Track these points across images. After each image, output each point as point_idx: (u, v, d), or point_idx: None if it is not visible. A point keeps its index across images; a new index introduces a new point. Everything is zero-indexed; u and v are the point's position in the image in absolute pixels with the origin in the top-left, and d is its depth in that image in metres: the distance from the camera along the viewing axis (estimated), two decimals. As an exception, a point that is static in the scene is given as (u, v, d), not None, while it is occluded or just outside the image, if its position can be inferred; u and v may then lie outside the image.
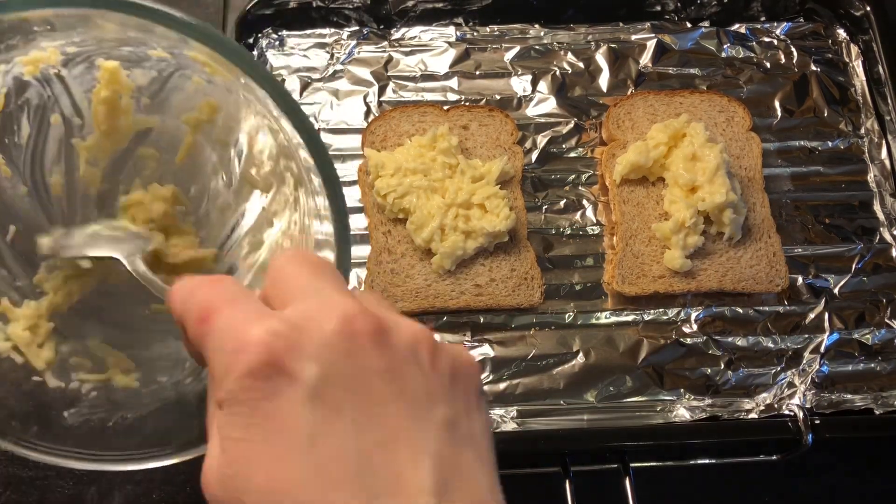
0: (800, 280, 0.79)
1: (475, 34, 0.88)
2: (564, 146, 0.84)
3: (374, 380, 0.34)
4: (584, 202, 0.82)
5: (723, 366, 0.76)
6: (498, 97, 0.86)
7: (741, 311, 0.78)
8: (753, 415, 0.74)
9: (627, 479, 0.69)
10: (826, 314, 0.78)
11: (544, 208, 0.81)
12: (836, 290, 0.79)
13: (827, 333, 0.78)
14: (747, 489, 0.77)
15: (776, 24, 0.90)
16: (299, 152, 0.52)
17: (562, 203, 0.82)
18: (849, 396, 0.75)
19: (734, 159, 0.82)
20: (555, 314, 0.78)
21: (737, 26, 0.90)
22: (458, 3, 0.88)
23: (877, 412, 0.74)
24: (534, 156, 0.83)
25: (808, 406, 0.74)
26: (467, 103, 0.85)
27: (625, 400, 0.74)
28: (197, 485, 0.74)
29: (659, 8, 0.90)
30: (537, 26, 0.89)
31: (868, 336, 0.78)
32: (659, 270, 0.78)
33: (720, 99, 0.85)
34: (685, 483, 0.76)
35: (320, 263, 0.39)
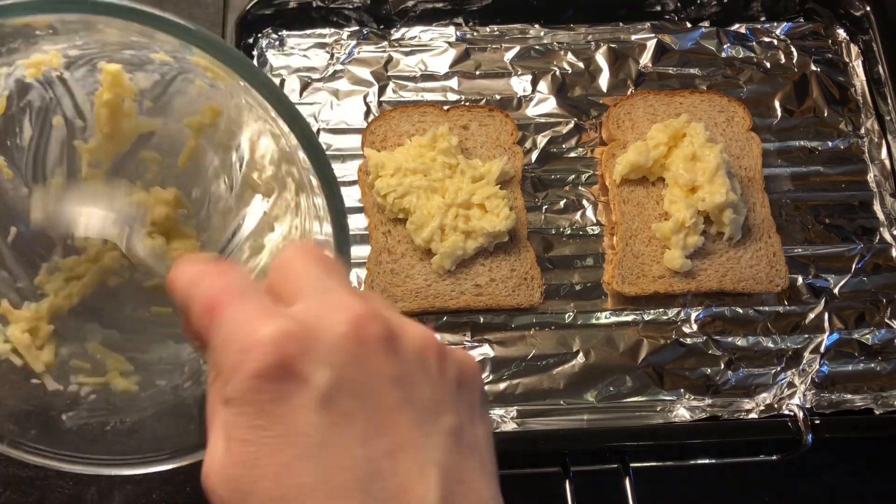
0: (800, 280, 0.79)
1: (475, 34, 0.88)
2: (564, 146, 0.84)
3: (384, 387, 0.34)
4: (584, 202, 0.82)
5: (723, 366, 0.76)
6: (498, 97, 0.86)
7: (741, 311, 0.78)
8: (753, 415, 0.74)
9: (627, 479, 0.69)
10: (826, 314, 0.78)
11: (544, 208, 0.82)
12: (836, 290, 0.79)
13: (827, 333, 0.78)
14: (747, 489, 0.77)
15: (776, 24, 0.90)
16: (299, 154, 0.52)
17: (562, 203, 0.82)
18: (849, 396, 0.75)
19: (734, 159, 0.82)
20: (555, 314, 0.78)
21: (737, 26, 0.90)
22: (458, 3, 0.88)
23: (877, 412, 0.74)
24: (534, 156, 0.83)
25: (808, 406, 0.74)
26: (467, 103, 0.85)
27: (625, 400, 0.74)
28: (197, 485, 0.74)
29: (659, 8, 0.90)
30: (537, 26, 0.89)
31: (868, 336, 0.78)
32: (659, 270, 0.78)
33: (720, 99, 0.85)
34: (685, 483, 0.76)
35: (328, 260, 0.39)
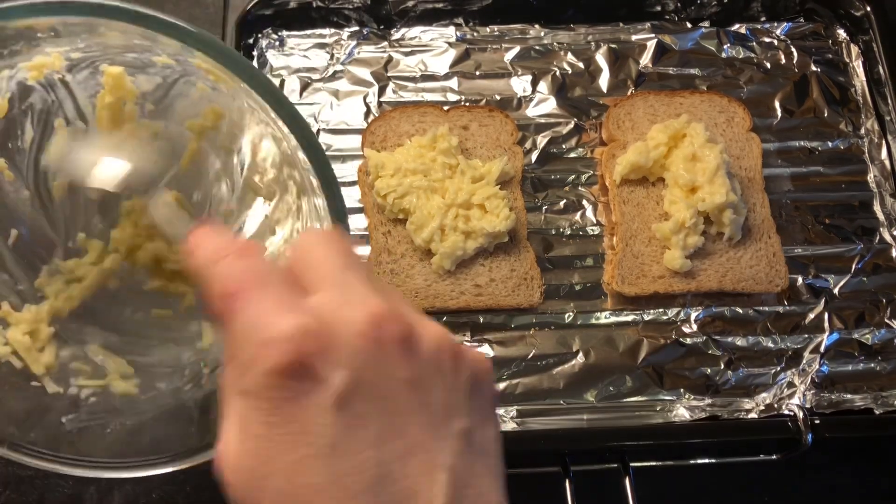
0: (800, 280, 0.79)
1: (475, 34, 0.88)
2: (564, 146, 0.84)
3: (399, 390, 0.35)
4: (584, 202, 0.82)
5: (723, 366, 0.76)
6: (498, 97, 0.86)
7: (741, 311, 0.78)
8: (753, 414, 0.74)
9: (627, 479, 0.69)
10: (826, 314, 0.78)
11: (544, 209, 0.82)
12: (836, 291, 0.79)
13: (827, 333, 0.78)
14: (747, 489, 0.77)
15: (776, 25, 0.90)
16: (300, 155, 0.52)
17: (562, 203, 0.82)
18: (849, 396, 0.75)
19: (734, 160, 0.82)
20: (554, 314, 0.78)
21: (737, 26, 0.90)
22: (458, 4, 0.87)
23: (877, 412, 0.74)
24: (534, 156, 0.83)
25: (808, 406, 0.74)
26: (467, 104, 0.85)
27: (625, 400, 0.74)
28: (197, 485, 0.74)
29: (659, 8, 0.89)
30: (537, 26, 0.89)
31: (868, 336, 0.78)
32: (659, 271, 0.78)
33: (720, 99, 0.85)
34: (685, 483, 0.76)
35: (349, 251, 0.39)
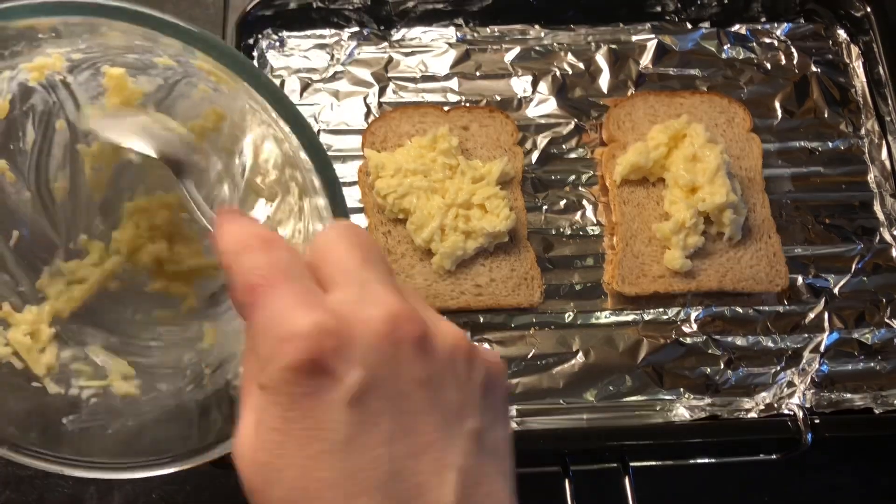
0: (800, 280, 0.79)
1: (475, 35, 0.88)
2: (565, 147, 0.84)
3: (413, 389, 0.35)
4: (585, 203, 0.82)
5: (722, 365, 0.76)
6: (498, 98, 0.86)
7: (741, 311, 0.78)
8: (753, 414, 0.74)
9: (627, 479, 0.69)
10: (826, 314, 0.78)
11: (544, 209, 0.82)
12: (836, 290, 0.79)
13: (827, 333, 0.78)
14: (747, 488, 0.77)
15: (776, 25, 0.90)
16: (301, 156, 0.52)
17: (562, 203, 0.82)
18: (848, 396, 0.75)
19: (734, 160, 0.82)
20: (555, 314, 0.78)
21: (737, 27, 0.90)
22: (458, 4, 0.88)
23: (876, 411, 0.74)
24: (534, 156, 0.83)
25: (808, 405, 0.74)
26: (468, 104, 0.85)
27: (624, 399, 0.74)
28: (197, 485, 0.74)
29: (659, 8, 0.89)
30: (537, 27, 0.89)
31: (868, 336, 0.78)
32: (659, 270, 0.78)
33: (721, 100, 0.85)
34: (685, 482, 0.76)
35: (370, 248, 0.39)
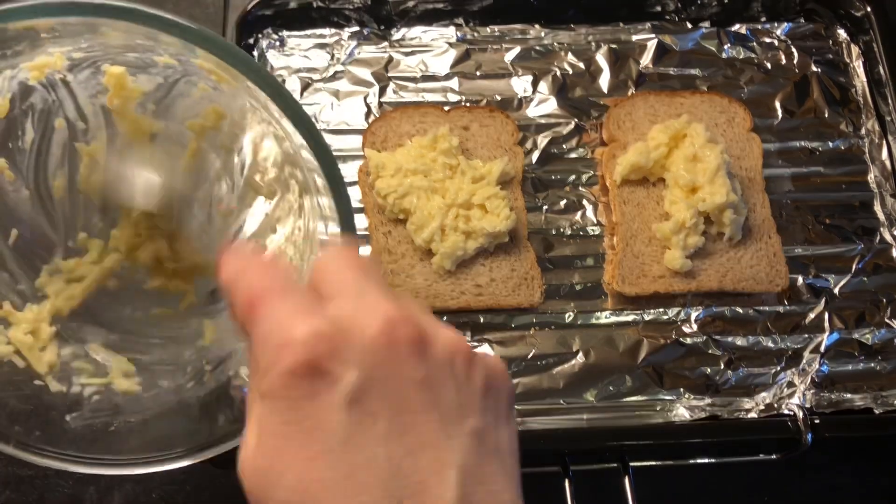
0: (800, 280, 0.79)
1: (475, 35, 0.88)
2: (565, 147, 0.84)
3: (410, 389, 0.36)
4: (585, 203, 0.82)
5: (723, 365, 0.76)
6: (498, 98, 0.86)
7: (741, 311, 0.78)
8: (753, 414, 0.74)
9: (627, 479, 0.69)
10: (826, 314, 0.78)
11: (545, 209, 0.82)
12: (837, 290, 0.79)
13: (827, 333, 0.78)
14: (747, 488, 0.77)
15: (777, 25, 0.90)
16: (303, 154, 0.52)
17: (562, 203, 0.82)
18: (848, 396, 0.75)
19: (735, 160, 0.82)
20: (555, 314, 0.78)
21: (737, 27, 0.90)
22: (459, 4, 0.87)
23: (876, 412, 0.74)
24: (534, 156, 0.83)
25: (808, 405, 0.74)
26: (468, 104, 0.85)
27: (624, 399, 0.74)
28: (197, 485, 0.75)
29: (659, 8, 0.89)
30: (537, 27, 0.89)
31: (868, 336, 0.78)
32: (659, 270, 0.78)
33: (721, 100, 0.85)
34: (685, 482, 0.76)
35: (366, 263, 0.40)
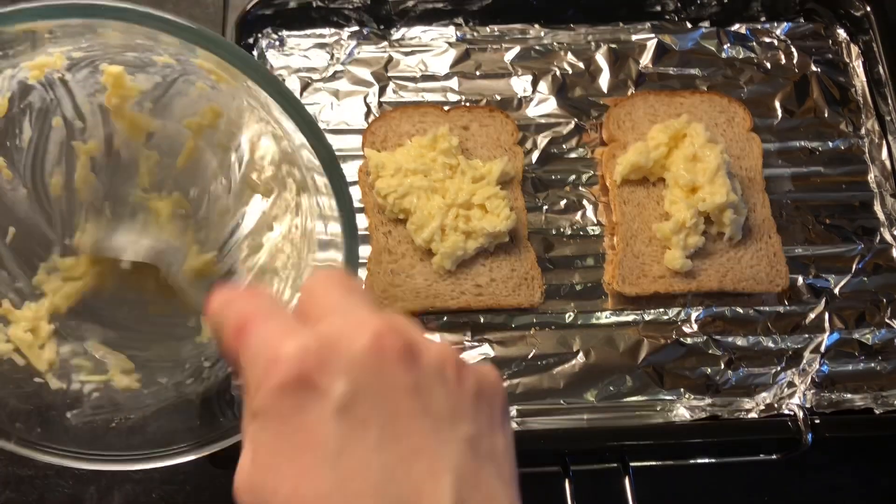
0: (800, 280, 0.79)
1: (475, 34, 0.88)
2: (565, 146, 0.84)
3: (401, 396, 0.36)
4: (585, 202, 0.82)
5: (723, 365, 0.76)
6: (498, 98, 0.86)
7: (741, 311, 0.78)
8: (753, 414, 0.74)
9: (627, 479, 0.69)
10: (826, 314, 0.78)
11: (545, 209, 0.82)
12: (837, 290, 0.79)
13: (827, 333, 0.78)
14: (747, 489, 0.77)
15: (776, 25, 0.90)
16: (303, 153, 0.52)
17: (562, 203, 0.82)
18: (849, 396, 0.75)
19: (735, 160, 0.82)
20: (555, 314, 0.78)
21: (737, 26, 0.90)
22: (458, 4, 0.87)
23: (877, 412, 0.74)
24: (534, 156, 0.83)
25: (808, 406, 0.74)
26: (468, 104, 0.85)
27: (625, 399, 0.74)
28: (197, 485, 0.75)
29: (659, 8, 0.89)
30: (537, 26, 0.89)
31: (868, 336, 0.78)
32: (659, 270, 0.78)
33: (721, 99, 0.85)
34: (685, 482, 0.76)
35: (351, 284, 0.41)
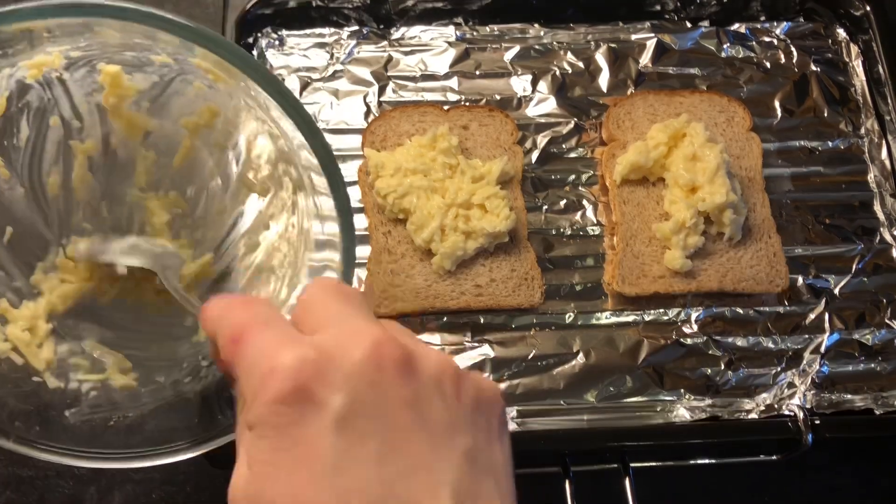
0: (800, 280, 0.79)
1: (475, 34, 0.88)
2: (564, 146, 0.84)
3: (399, 409, 0.35)
4: (585, 202, 0.82)
5: (723, 366, 0.76)
6: (498, 97, 0.85)
7: (741, 312, 0.78)
8: (753, 415, 0.73)
9: (627, 479, 0.69)
10: (826, 314, 0.78)
11: (544, 208, 0.81)
12: (837, 291, 0.79)
13: (827, 334, 0.77)
14: (747, 489, 0.77)
15: (776, 24, 0.90)
16: (301, 153, 0.52)
17: (562, 203, 0.82)
18: (849, 396, 0.75)
19: (734, 159, 0.82)
20: (555, 314, 0.77)
21: (737, 26, 0.90)
22: (458, 3, 0.87)
23: (877, 412, 0.74)
24: (534, 156, 0.83)
25: (809, 406, 0.74)
26: (467, 103, 0.85)
27: (625, 400, 0.74)
28: (197, 485, 0.75)
29: (659, 7, 0.89)
30: (537, 26, 0.89)
31: (868, 336, 0.78)
32: (659, 271, 0.78)
33: (720, 99, 0.85)
34: (685, 483, 0.76)
35: (349, 293, 0.41)
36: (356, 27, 0.87)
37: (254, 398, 0.35)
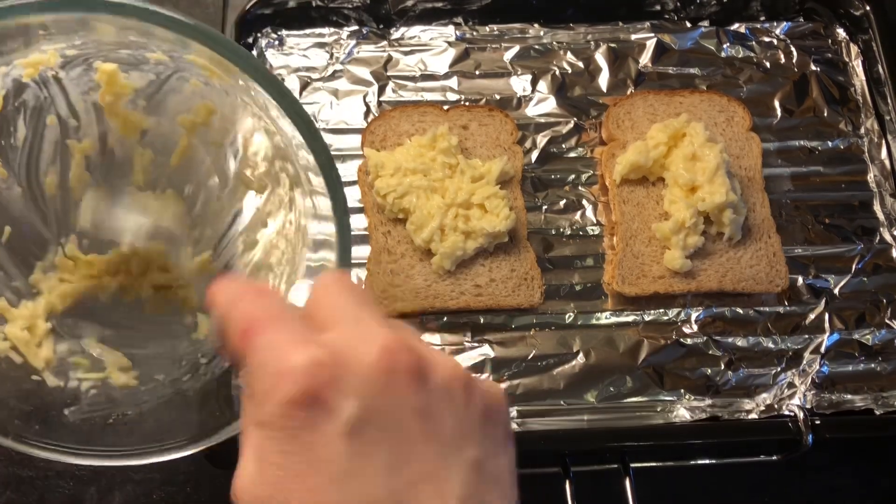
0: (800, 280, 0.79)
1: (475, 34, 0.88)
2: (564, 146, 0.84)
3: (410, 419, 0.35)
4: (584, 202, 0.82)
5: (723, 366, 0.76)
6: (498, 97, 0.85)
7: (741, 312, 0.78)
8: (754, 415, 0.73)
9: (627, 480, 0.69)
10: (826, 314, 0.78)
11: (544, 208, 0.81)
12: (837, 291, 0.79)
13: (827, 334, 0.77)
14: (747, 489, 0.77)
15: (776, 24, 0.90)
16: (299, 152, 0.52)
17: (562, 203, 0.82)
18: (849, 397, 0.75)
19: (734, 159, 0.82)
20: (555, 314, 0.77)
21: (736, 26, 0.90)
22: (458, 3, 0.87)
23: (877, 412, 0.74)
24: (534, 156, 0.83)
25: (809, 406, 0.74)
26: (467, 103, 0.85)
27: (625, 400, 0.74)
28: (197, 485, 0.74)
29: (658, 7, 0.89)
30: (537, 26, 0.89)
31: (868, 336, 0.78)
32: (659, 271, 0.78)
33: (720, 99, 0.85)
34: (685, 483, 0.76)
35: (361, 291, 0.41)
36: (356, 27, 0.87)
37: (264, 397, 0.35)
